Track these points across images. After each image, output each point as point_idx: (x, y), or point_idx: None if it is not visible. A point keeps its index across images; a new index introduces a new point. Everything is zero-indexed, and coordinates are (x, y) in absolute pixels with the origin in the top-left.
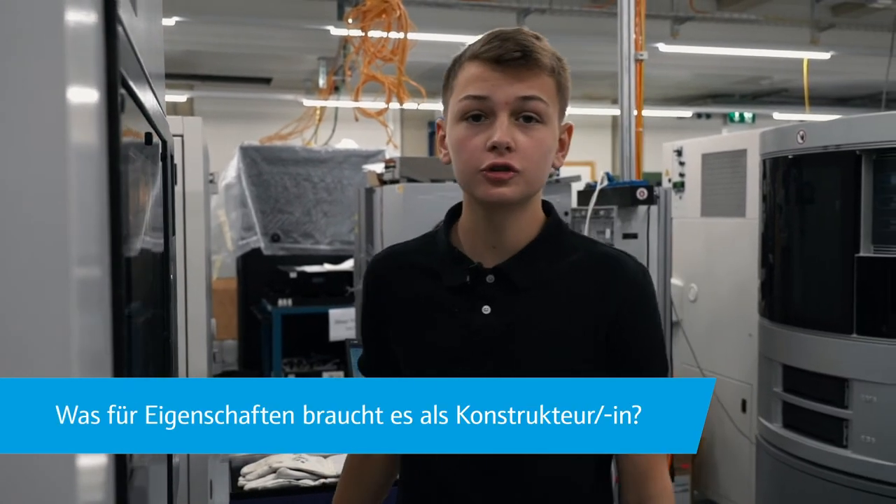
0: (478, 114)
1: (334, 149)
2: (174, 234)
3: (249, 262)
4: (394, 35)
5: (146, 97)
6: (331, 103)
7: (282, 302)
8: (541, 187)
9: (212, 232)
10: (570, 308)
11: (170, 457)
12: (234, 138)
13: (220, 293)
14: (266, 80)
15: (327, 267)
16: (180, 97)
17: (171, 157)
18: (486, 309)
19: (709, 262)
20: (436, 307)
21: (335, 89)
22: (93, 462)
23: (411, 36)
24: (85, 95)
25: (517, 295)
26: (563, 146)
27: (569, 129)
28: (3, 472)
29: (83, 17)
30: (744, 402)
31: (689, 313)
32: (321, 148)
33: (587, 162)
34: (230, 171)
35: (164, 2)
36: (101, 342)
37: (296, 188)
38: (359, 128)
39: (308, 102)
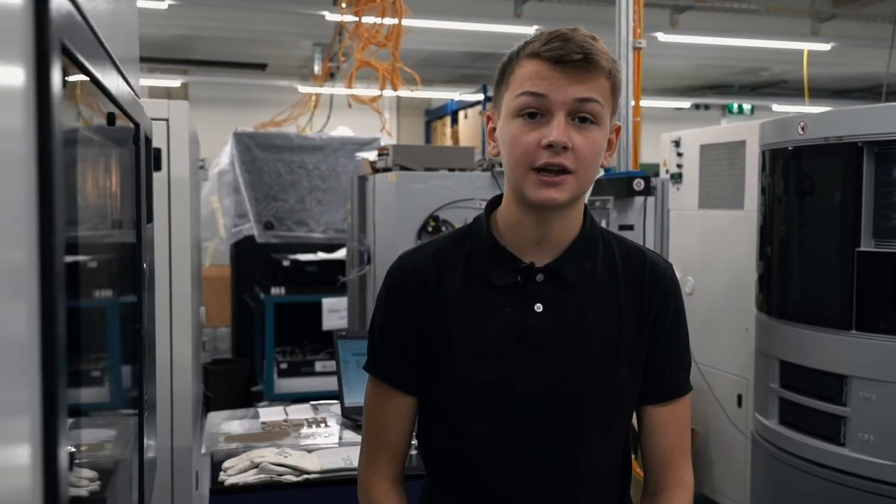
0: (534, 111)
1: (329, 136)
2: (150, 220)
3: (242, 250)
4: (388, 21)
5: (109, 78)
6: (326, 90)
7: (275, 290)
8: (589, 187)
9: (204, 219)
10: (615, 300)
11: (141, 452)
12: (228, 124)
13: (213, 280)
14: (261, 66)
15: (321, 255)
16: (174, 82)
17: (148, 140)
18: (539, 307)
19: (706, 254)
20: (485, 306)
21: (330, 76)
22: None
23: (405, 22)
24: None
25: (567, 291)
26: (611, 146)
27: (617, 129)
28: None
29: None
30: (739, 397)
31: (685, 306)
32: (316, 135)
33: None
34: (224, 157)
35: None
36: (25, 334)
37: (290, 175)
38: (354, 115)
39: (303, 89)
